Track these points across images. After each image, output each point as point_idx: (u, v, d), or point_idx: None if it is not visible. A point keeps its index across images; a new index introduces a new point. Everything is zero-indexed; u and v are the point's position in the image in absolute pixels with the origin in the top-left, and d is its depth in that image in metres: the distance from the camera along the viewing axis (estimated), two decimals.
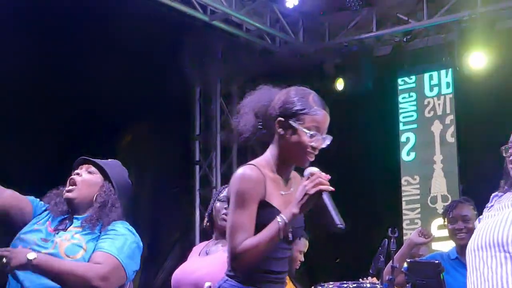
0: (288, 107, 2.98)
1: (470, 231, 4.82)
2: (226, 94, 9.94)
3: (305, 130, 2.94)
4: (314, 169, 2.87)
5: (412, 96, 9.13)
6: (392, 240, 4.61)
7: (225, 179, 9.76)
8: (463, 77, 8.47)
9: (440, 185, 8.75)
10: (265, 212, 2.87)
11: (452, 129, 8.80)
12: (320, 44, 9.33)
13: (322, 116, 2.98)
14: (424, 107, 9.01)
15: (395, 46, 9.07)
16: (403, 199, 8.89)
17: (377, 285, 4.73)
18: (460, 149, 8.69)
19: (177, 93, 8.97)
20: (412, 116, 9.09)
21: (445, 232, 5.26)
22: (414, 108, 9.09)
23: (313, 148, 2.96)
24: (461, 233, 4.96)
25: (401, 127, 9.09)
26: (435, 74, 9.02)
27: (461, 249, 4.96)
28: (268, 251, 2.86)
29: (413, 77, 9.16)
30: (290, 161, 3.02)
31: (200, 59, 9.19)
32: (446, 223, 5.14)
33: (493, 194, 3.43)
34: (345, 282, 4.78)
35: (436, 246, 7.59)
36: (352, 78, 8.83)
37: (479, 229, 3.26)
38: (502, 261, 3.07)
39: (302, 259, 5.53)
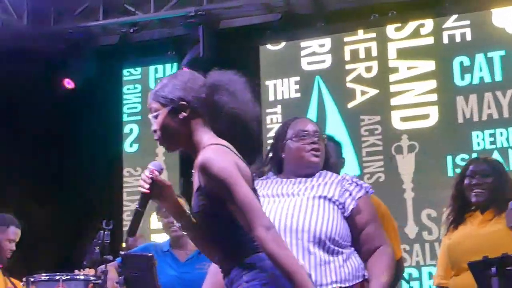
0: None
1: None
2: None
3: None
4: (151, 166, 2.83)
5: (137, 88, 9.14)
6: (106, 232, 4.56)
7: None
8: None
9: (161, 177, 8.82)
10: None
11: None
12: (46, 28, 8.94)
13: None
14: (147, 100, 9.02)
15: (122, 36, 8.99)
16: (124, 190, 8.87)
17: (91, 277, 4.68)
18: None
19: None
20: (136, 107, 9.11)
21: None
22: (139, 100, 9.11)
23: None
24: (174, 226, 5.00)
25: (125, 118, 9.08)
26: (160, 67, 9.10)
27: (174, 241, 5.04)
28: None
29: (139, 69, 9.18)
30: None
31: None
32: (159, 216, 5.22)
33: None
34: (58, 274, 4.68)
35: (154, 238, 7.67)
36: (76, 66, 8.61)
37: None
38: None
39: (13, 248, 5.35)
